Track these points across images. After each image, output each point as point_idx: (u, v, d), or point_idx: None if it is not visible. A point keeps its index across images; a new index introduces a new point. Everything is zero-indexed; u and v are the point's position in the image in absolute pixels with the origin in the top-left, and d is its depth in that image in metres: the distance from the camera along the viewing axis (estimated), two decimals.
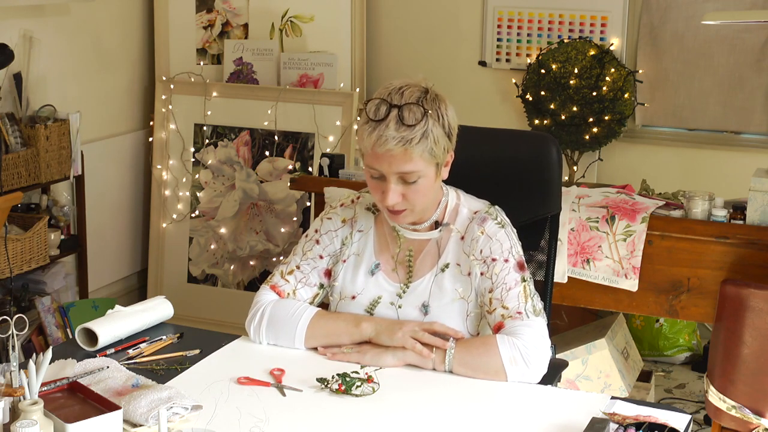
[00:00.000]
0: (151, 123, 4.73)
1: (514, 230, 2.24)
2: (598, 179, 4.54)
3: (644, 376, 3.83)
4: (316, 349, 2.21)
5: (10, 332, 1.78)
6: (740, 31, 4.29)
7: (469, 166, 2.37)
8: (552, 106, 4.38)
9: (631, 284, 3.28)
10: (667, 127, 4.53)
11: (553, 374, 2.27)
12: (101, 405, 1.77)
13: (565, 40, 4.43)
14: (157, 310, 2.36)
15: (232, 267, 4.66)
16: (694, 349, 4.32)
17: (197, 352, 2.20)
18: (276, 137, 4.57)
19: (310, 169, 4.47)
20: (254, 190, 4.61)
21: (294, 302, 2.26)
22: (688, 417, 1.89)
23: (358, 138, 2.12)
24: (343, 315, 2.24)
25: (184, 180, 4.69)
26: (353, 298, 2.25)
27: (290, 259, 2.33)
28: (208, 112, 4.65)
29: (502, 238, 2.18)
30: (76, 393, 1.85)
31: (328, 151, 4.41)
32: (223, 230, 4.64)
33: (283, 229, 4.57)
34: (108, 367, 2.04)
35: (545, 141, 2.43)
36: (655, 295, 3.30)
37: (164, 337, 2.27)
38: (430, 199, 2.17)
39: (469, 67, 4.76)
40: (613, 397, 1.99)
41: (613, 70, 4.33)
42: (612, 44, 4.44)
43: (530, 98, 4.46)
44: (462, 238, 2.21)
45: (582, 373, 3.57)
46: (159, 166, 4.70)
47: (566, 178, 4.37)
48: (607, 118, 4.34)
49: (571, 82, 4.33)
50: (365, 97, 4.63)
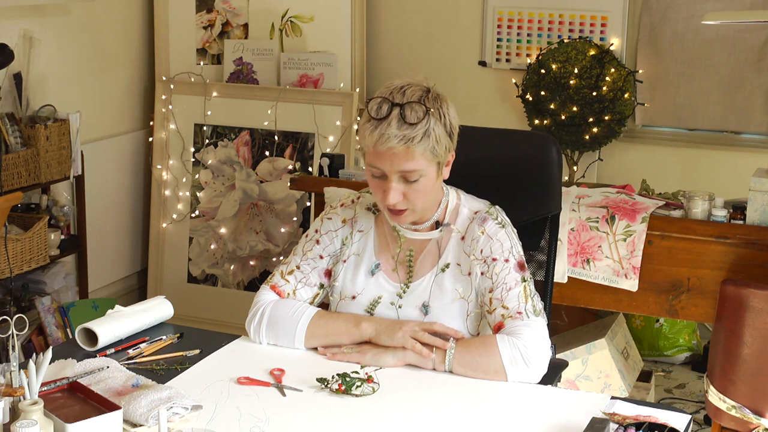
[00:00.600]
0: (151, 123, 4.73)
1: (515, 230, 2.24)
2: (598, 179, 4.54)
3: (644, 376, 3.83)
4: (316, 349, 2.21)
5: (10, 332, 1.78)
6: (740, 31, 4.29)
7: (469, 166, 2.37)
8: (552, 106, 4.38)
9: (631, 284, 3.28)
10: (667, 127, 4.53)
11: (553, 374, 2.27)
12: (101, 405, 1.77)
13: (565, 40, 4.43)
14: (157, 310, 2.36)
15: (232, 267, 4.66)
16: (694, 349, 4.32)
17: (197, 352, 2.20)
18: (276, 137, 4.57)
19: (310, 169, 4.47)
20: (254, 190, 4.61)
21: (294, 302, 2.26)
22: (688, 417, 1.89)
23: (359, 137, 2.12)
24: (344, 315, 2.24)
25: (184, 180, 4.69)
26: (353, 298, 2.25)
27: (290, 259, 2.33)
28: (208, 112, 4.65)
29: (502, 238, 2.18)
30: (76, 393, 1.85)
31: (328, 151, 4.41)
32: (223, 230, 4.64)
33: (283, 229, 4.57)
34: (108, 367, 2.04)
35: (545, 141, 2.43)
36: (655, 295, 3.30)
37: (164, 337, 2.27)
38: (431, 199, 2.17)
39: (469, 67, 4.76)
40: (613, 397, 1.99)
41: (613, 70, 4.33)
42: (612, 44, 4.44)
43: (530, 98, 4.46)
44: (462, 238, 2.21)
45: (582, 373, 3.57)
46: (159, 166, 4.70)
47: (566, 178, 4.37)
48: (607, 118, 4.34)
49: (571, 82, 4.33)
50: (365, 97, 4.63)
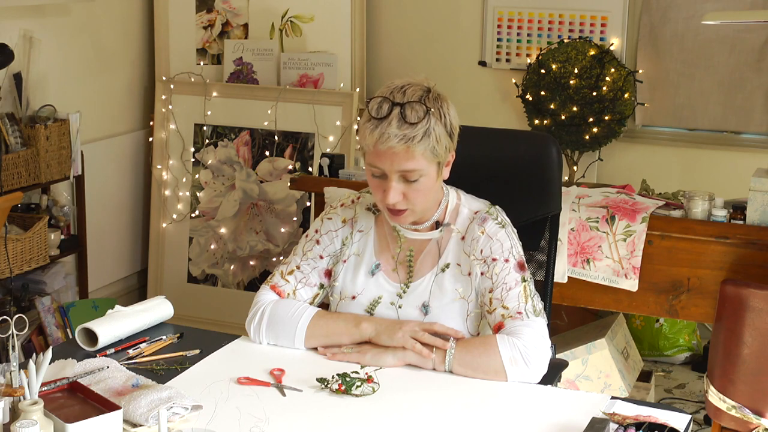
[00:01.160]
0: (151, 123, 4.73)
1: (515, 230, 2.24)
2: (598, 179, 4.54)
3: (644, 376, 3.83)
4: (315, 349, 2.21)
5: (10, 332, 1.78)
6: (740, 31, 4.29)
7: (469, 166, 2.37)
8: (552, 106, 4.38)
9: (631, 284, 3.28)
10: (667, 127, 4.53)
11: (553, 374, 2.27)
12: (101, 405, 1.77)
13: (565, 40, 4.43)
14: (157, 310, 2.36)
15: (232, 267, 4.66)
16: (694, 349, 4.32)
17: (197, 352, 2.20)
18: (276, 137, 4.57)
19: (310, 169, 4.47)
20: (254, 190, 4.61)
21: (294, 302, 2.26)
22: (688, 417, 1.89)
23: (359, 136, 2.12)
24: (343, 315, 2.24)
25: (184, 180, 4.69)
26: (353, 298, 2.25)
27: (290, 259, 2.33)
28: (208, 112, 4.65)
29: (502, 238, 2.18)
30: (76, 393, 1.85)
31: (328, 151, 4.40)
32: (223, 230, 4.64)
33: (283, 229, 4.57)
34: (108, 367, 2.04)
35: (545, 141, 2.43)
36: (655, 295, 3.30)
37: (164, 337, 2.27)
38: (431, 199, 2.17)
39: (469, 67, 4.76)
40: (613, 397, 1.99)
41: (613, 70, 4.33)
42: (612, 44, 4.44)
43: (530, 98, 4.46)
44: (462, 238, 2.21)
45: (582, 373, 3.57)
46: (159, 166, 4.70)
47: (566, 178, 4.37)
48: (607, 118, 4.34)
49: (571, 82, 4.33)
50: (365, 97, 4.63)
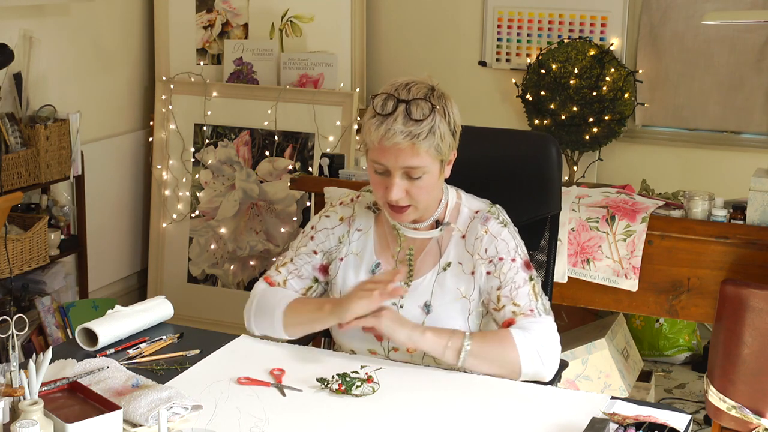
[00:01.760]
0: (151, 123, 4.73)
1: (516, 229, 2.25)
2: (598, 179, 4.54)
3: (644, 376, 3.83)
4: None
5: (10, 332, 1.78)
6: (740, 31, 4.29)
7: (469, 166, 2.37)
8: (552, 106, 4.38)
9: (631, 284, 3.28)
10: (667, 127, 4.53)
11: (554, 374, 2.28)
12: (101, 405, 1.77)
13: (565, 40, 4.43)
14: (157, 310, 2.36)
15: (232, 267, 4.66)
16: (694, 349, 4.32)
17: (197, 352, 2.20)
18: (276, 137, 4.57)
19: (310, 169, 4.47)
20: (254, 190, 4.61)
21: (280, 291, 2.28)
22: (688, 417, 1.89)
23: (363, 132, 2.12)
24: (313, 300, 2.24)
25: (184, 180, 4.69)
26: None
27: (286, 254, 2.35)
28: (208, 112, 4.65)
29: (506, 238, 2.19)
30: (76, 393, 1.85)
31: (328, 151, 4.40)
32: (223, 230, 4.64)
33: (283, 229, 4.57)
34: (108, 367, 2.04)
35: (545, 141, 2.43)
36: (655, 295, 3.30)
37: (164, 337, 2.27)
38: (432, 197, 2.17)
39: (469, 67, 4.76)
40: (613, 397, 1.99)
41: (613, 70, 4.33)
42: (612, 44, 4.44)
43: (530, 98, 4.46)
44: (463, 237, 2.21)
45: (582, 373, 3.57)
46: (159, 166, 4.70)
47: (566, 178, 4.37)
48: (607, 118, 4.34)
49: (571, 82, 4.33)
50: (365, 97, 4.63)
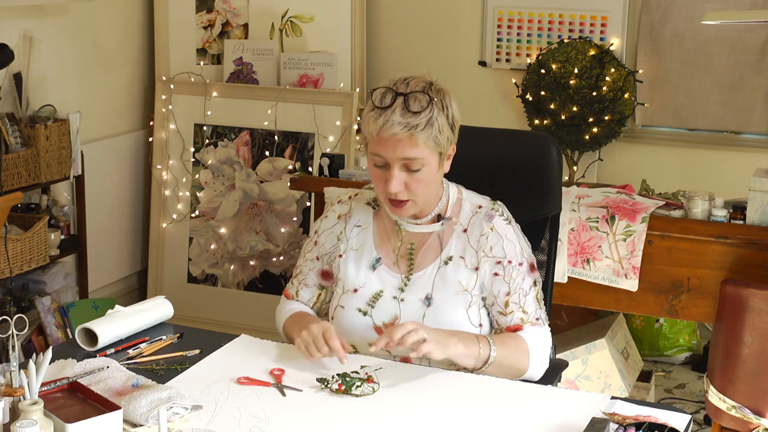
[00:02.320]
0: (151, 123, 4.73)
1: (519, 226, 2.27)
2: (598, 179, 4.54)
3: (644, 376, 3.83)
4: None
5: (10, 332, 1.78)
6: (740, 31, 4.29)
7: (469, 166, 2.37)
8: (552, 106, 4.38)
9: (631, 284, 3.28)
10: (667, 127, 4.53)
11: (553, 374, 2.30)
12: (101, 405, 1.77)
13: (565, 40, 4.43)
14: (157, 310, 2.36)
15: (232, 267, 4.66)
16: (694, 349, 4.32)
17: (197, 352, 2.20)
18: (276, 137, 4.57)
19: (310, 169, 4.47)
20: (254, 190, 4.61)
21: (286, 306, 2.38)
22: (688, 417, 1.89)
23: (362, 125, 2.15)
24: (294, 326, 2.25)
25: (184, 180, 4.69)
26: (355, 291, 2.26)
27: (297, 263, 2.40)
28: (208, 112, 4.65)
29: (513, 238, 2.22)
30: (76, 393, 1.85)
31: (328, 151, 4.40)
32: (223, 230, 4.64)
33: (283, 229, 4.57)
34: (108, 367, 2.04)
35: (545, 141, 2.43)
36: (655, 295, 3.30)
37: (164, 337, 2.27)
38: (432, 191, 2.19)
39: (469, 67, 4.76)
40: (613, 397, 1.99)
41: (613, 70, 4.33)
42: (612, 44, 4.44)
43: (530, 98, 4.46)
44: (465, 231, 2.22)
45: (582, 373, 3.57)
46: (159, 166, 4.70)
47: (566, 178, 4.37)
48: (607, 118, 4.34)
49: (571, 82, 4.33)
50: (365, 98, 4.63)
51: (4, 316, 1.85)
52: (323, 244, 2.32)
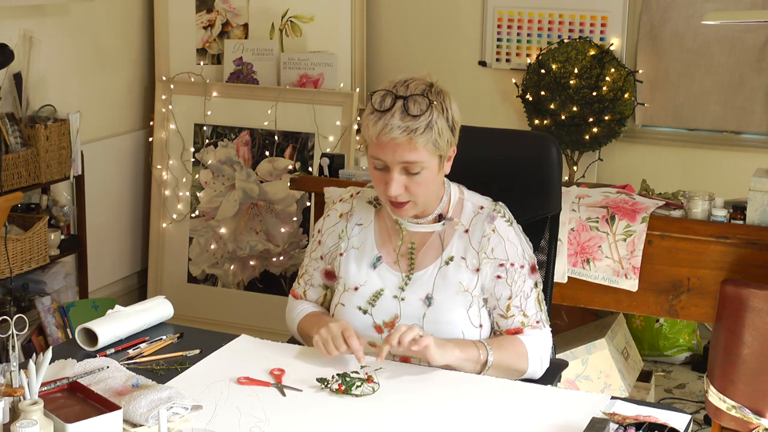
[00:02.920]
0: (151, 123, 4.73)
1: (520, 227, 2.27)
2: (598, 179, 4.54)
3: (644, 376, 3.83)
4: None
5: (10, 332, 1.78)
6: (740, 31, 4.29)
7: (469, 166, 2.37)
8: (552, 106, 4.38)
9: (631, 284, 3.28)
10: (667, 127, 4.53)
11: (553, 374, 2.30)
12: (101, 405, 1.77)
13: (565, 40, 4.43)
14: (157, 310, 2.36)
15: (232, 267, 4.66)
16: (694, 349, 4.32)
17: (197, 352, 2.20)
18: (276, 137, 4.57)
19: (310, 169, 4.47)
20: (254, 190, 4.61)
21: (297, 307, 2.37)
22: (688, 417, 1.89)
23: (362, 128, 2.15)
24: (309, 325, 2.28)
25: (184, 180, 4.69)
26: (356, 289, 2.26)
27: (303, 261, 2.40)
28: (208, 112, 4.65)
29: (515, 240, 2.22)
30: (76, 393, 1.85)
31: (328, 151, 4.40)
32: (223, 230, 4.64)
33: (283, 229, 4.57)
34: (108, 367, 2.04)
35: (545, 141, 2.43)
36: (655, 295, 3.30)
37: (164, 337, 2.27)
38: (432, 193, 2.19)
39: (469, 67, 4.76)
40: (613, 397, 1.99)
41: (613, 70, 4.33)
42: (612, 44, 4.44)
43: (530, 98, 4.46)
44: (466, 231, 2.22)
45: (582, 373, 3.57)
46: (159, 166, 4.70)
47: (566, 178, 4.37)
48: (607, 118, 4.34)
49: (571, 82, 4.33)
50: (365, 98, 4.63)
51: (4, 316, 1.85)
52: (326, 243, 2.33)
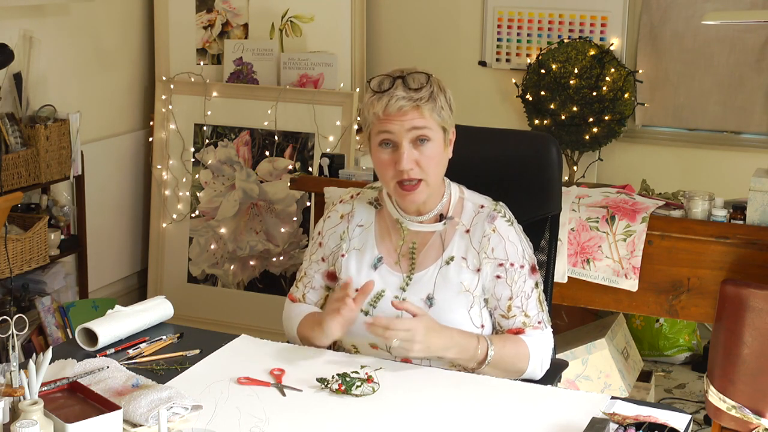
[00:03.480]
0: (151, 123, 4.73)
1: (521, 227, 2.27)
2: (598, 179, 4.54)
3: (644, 376, 3.83)
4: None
5: (10, 332, 1.78)
6: (740, 31, 4.29)
7: (469, 166, 2.37)
8: (552, 106, 4.38)
9: (631, 284, 3.28)
10: (667, 127, 4.53)
11: (553, 374, 2.30)
12: (101, 405, 1.77)
13: (565, 40, 4.43)
14: (157, 310, 2.36)
15: (232, 267, 4.66)
16: (694, 349, 4.32)
17: (197, 352, 2.20)
18: (276, 137, 4.57)
19: (310, 169, 4.47)
20: (254, 190, 4.61)
21: (295, 309, 2.34)
22: (688, 417, 1.89)
23: (364, 113, 2.18)
24: (310, 321, 2.27)
25: (184, 180, 4.69)
26: (357, 290, 2.25)
27: (302, 265, 2.39)
28: (208, 112, 4.65)
29: (515, 240, 2.22)
30: (76, 393, 1.85)
31: (328, 151, 4.41)
32: (223, 230, 4.64)
33: (283, 229, 4.57)
34: (108, 367, 2.04)
35: (545, 141, 2.43)
36: (655, 295, 3.30)
37: (164, 337, 2.27)
38: (440, 173, 2.19)
39: (469, 67, 4.76)
40: (613, 397, 1.99)
41: (613, 70, 4.33)
42: (612, 44, 4.44)
43: (530, 98, 4.46)
44: (467, 231, 2.22)
45: (582, 373, 3.57)
46: (159, 166, 4.70)
47: (566, 178, 4.37)
48: (607, 118, 4.34)
49: (571, 82, 4.33)
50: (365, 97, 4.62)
51: (4, 316, 1.85)
52: (327, 245, 2.32)
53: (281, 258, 4.57)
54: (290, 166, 4.54)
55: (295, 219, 4.55)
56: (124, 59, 4.68)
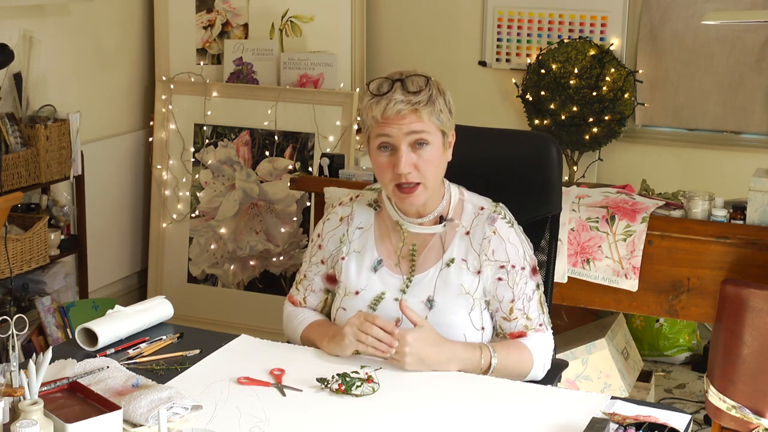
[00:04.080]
0: (151, 123, 4.73)
1: (521, 228, 2.27)
2: (598, 179, 4.54)
3: (644, 376, 3.83)
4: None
5: (10, 332, 1.78)
6: (740, 31, 4.29)
7: (469, 166, 2.37)
8: (552, 106, 4.38)
9: (631, 284, 3.28)
10: (667, 127, 4.53)
11: (553, 374, 2.30)
12: (101, 405, 1.77)
13: (565, 40, 4.43)
14: (157, 310, 2.36)
15: (232, 267, 4.66)
16: (694, 349, 4.32)
17: (197, 352, 2.20)
18: (276, 137, 4.57)
19: (310, 169, 4.47)
20: (254, 190, 4.61)
21: (298, 315, 2.34)
22: (688, 417, 1.89)
23: (363, 116, 2.18)
24: (318, 330, 2.26)
25: (184, 180, 4.69)
26: (357, 293, 2.26)
27: (301, 267, 2.39)
28: (208, 112, 4.65)
29: (515, 241, 2.21)
30: (76, 393, 1.85)
31: (328, 151, 4.41)
32: (223, 230, 4.64)
33: (283, 229, 4.57)
34: (108, 367, 2.04)
35: (545, 141, 2.43)
36: (655, 295, 3.30)
37: (164, 337, 2.27)
38: (439, 176, 2.19)
39: (469, 67, 4.76)
40: (613, 397, 1.99)
41: (613, 70, 4.33)
42: (612, 44, 4.44)
43: (530, 98, 4.46)
44: (467, 233, 2.22)
45: (582, 373, 3.57)
46: (159, 166, 4.70)
47: (566, 178, 4.37)
48: (607, 118, 4.34)
49: (571, 82, 4.33)
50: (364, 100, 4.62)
51: (4, 316, 1.85)
52: (327, 247, 2.32)
53: (281, 258, 4.57)
54: (290, 166, 4.54)
55: (295, 219, 4.55)
56: (124, 59, 4.68)
